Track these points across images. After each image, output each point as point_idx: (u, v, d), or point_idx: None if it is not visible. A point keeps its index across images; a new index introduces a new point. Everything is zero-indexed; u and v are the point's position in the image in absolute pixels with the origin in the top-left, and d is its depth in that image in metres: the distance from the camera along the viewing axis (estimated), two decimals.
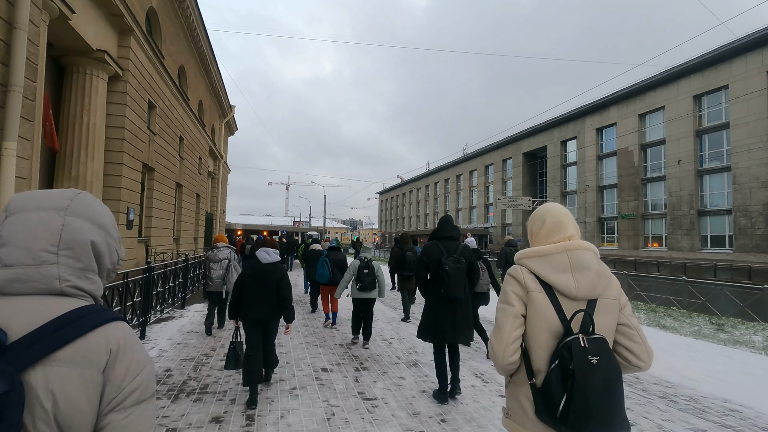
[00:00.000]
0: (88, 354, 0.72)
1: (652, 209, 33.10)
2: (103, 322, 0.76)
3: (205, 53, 19.00)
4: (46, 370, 0.68)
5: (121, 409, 0.73)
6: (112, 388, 0.73)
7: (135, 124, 10.85)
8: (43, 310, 0.72)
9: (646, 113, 33.16)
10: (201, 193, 20.97)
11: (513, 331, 1.37)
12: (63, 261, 0.77)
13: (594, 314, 1.34)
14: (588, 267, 1.39)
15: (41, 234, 0.76)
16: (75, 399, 0.69)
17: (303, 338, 5.53)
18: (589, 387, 1.21)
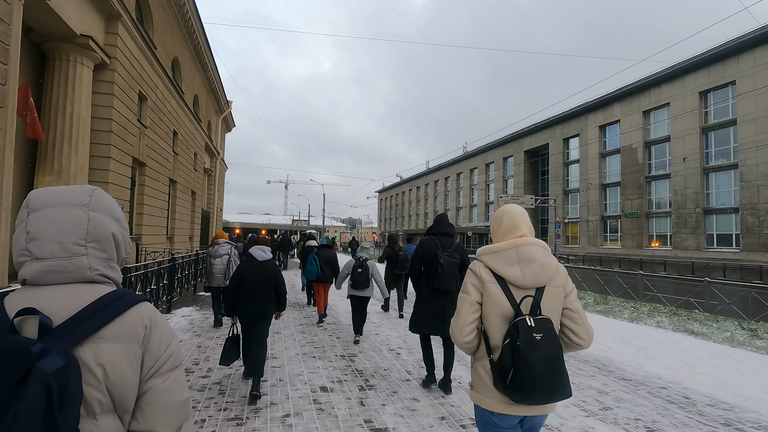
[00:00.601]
0: (127, 330, 0.83)
1: (656, 207, 32.60)
2: (134, 303, 0.87)
3: (200, 46, 18.42)
4: (93, 347, 0.79)
5: (159, 375, 0.86)
6: (150, 357, 0.85)
7: (124, 116, 10.30)
8: (79, 297, 0.83)
9: (651, 110, 32.63)
10: (197, 190, 20.41)
11: (469, 315, 1.62)
12: (91, 252, 0.87)
13: (541, 300, 1.58)
14: (534, 260, 1.62)
15: (71, 228, 0.85)
16: (121, 369, 0.81)
17: (299, 348, 4.95)
18: (533, 359, 1.43)
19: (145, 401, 0.84)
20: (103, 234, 0.88)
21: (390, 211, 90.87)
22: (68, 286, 0.84)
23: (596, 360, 4.59)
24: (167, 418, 0.85)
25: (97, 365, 0.78)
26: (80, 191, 0.90)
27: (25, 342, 0.71)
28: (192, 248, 19.65)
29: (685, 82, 29.67)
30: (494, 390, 1.57)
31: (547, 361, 1.46)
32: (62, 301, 0.81)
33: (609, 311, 8.09)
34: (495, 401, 1.58)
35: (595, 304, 8.76)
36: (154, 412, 0.84)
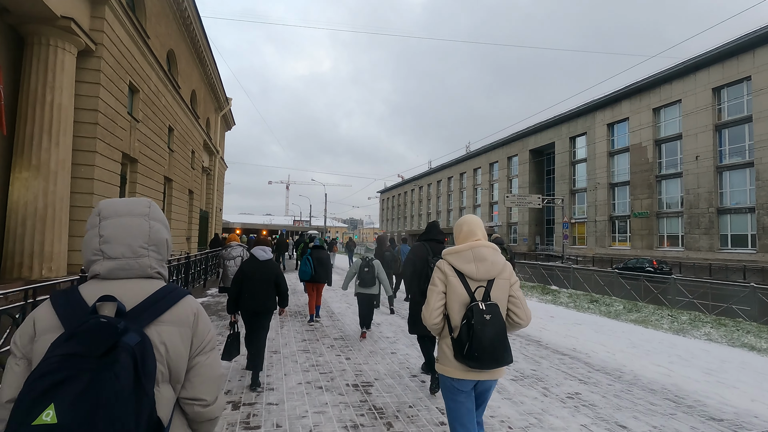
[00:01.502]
0: (181, 317, 1.05)
1: (667, 207, 31.74)
2: (184, 295, 1.10)
3: (197, 39, 17.67)
4: (157, 329, 0.99)
5: (204, 353, 1.08)
6: (197, 339, 1.07)
7: (112, 107, 9.54)
8: (143, 289, 1.05)
9: (661, 107, 31.79)
10: (194, 189, 19.64)
11: (437, 302, 2.07)
12: (152, 254, 1.10)
13: (491, 289, 2.06)
14: (486, 259, 2.10)
15: (138, 234, 1.08)
16: (177, 347, 1.02)
17: (302, 374, 4.05)
18: (483, 334, 1.91)
19: (193, 374, 1.06)
20: (160, 239, 1.12)
21: (392, 211, 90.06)
22: (133, 280, 1.06)
23: (664, 389, 3.79)
24: (210, 387, 1.08)
25: (161, 343, 0.99)
26: (141, 203, 1.14)
27: (112, 320, 0.90)
28: (190, 249, 18.90)
29: (698, 78, 28.84)
30: (454, 361, 1.97)
31: (494, 336, 1.91)
32: (130, 292, 1.03)
33: (645, 320, 7.30)
34: (455, 370, 1.99)
35: (628, 312, 7.97)
36: (200, 382, 1.06)
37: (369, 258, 6.02)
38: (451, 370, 2.01)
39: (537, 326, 6.49)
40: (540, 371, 4.28)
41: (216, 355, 1.11)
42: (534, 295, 10.62)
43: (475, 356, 1.88)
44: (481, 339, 1.87)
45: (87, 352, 0.83)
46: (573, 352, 5.03)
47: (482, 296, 1.99)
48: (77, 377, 0.80)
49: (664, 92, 31.29)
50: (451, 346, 2.00)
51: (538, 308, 8.44)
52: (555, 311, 8.23)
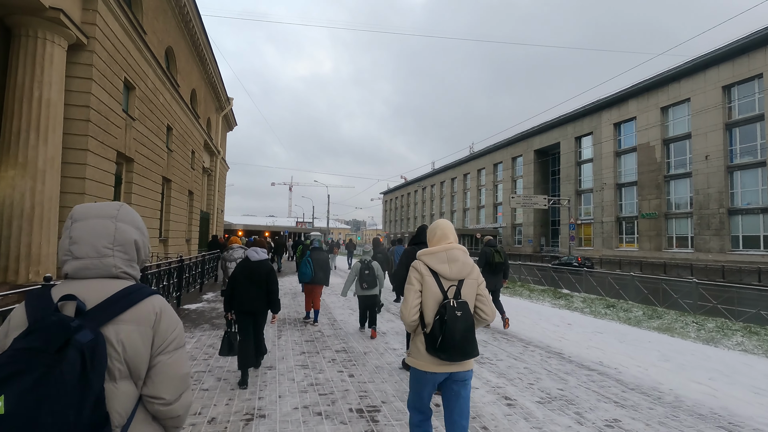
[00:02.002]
0: (142, 316, 1.07)
1: (676, 208, 31.13)
2: (148, 294, 1.12)
3: (197, 37, 17.32)
4: (115, 327, 1.03)
5: (166, 353, 1.10)
6: (159, 338, 1.09)
7: (105, 104, 9.16)
8: (106, 288, 1.08)
9: (669, 106, 31.21)
10: (195, 190, 19.26)
11: (414, 300, 2.20)
12: (117, 254, 1.13)
13: (462, 288, 2.21)
14: (457, 260, 2.26)
15: (102, 235, 1.11)
16: (136, 346, 1.04)
17: (299, 396, 3.54)
18: (455, 329, 2.06)
19: (154, 372, 1.08)
20: (126, 240, 1.15)
21: (395, 212, 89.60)
22: (98, 280, 1.10)
23: (714, 414, 3.28)
24: (170, 386, 1.09)
25: (118, 342, 1.02)
26: (111, 206, 1.18)
27: (66, 319, 0.96)
28: (189, 251, 18.52)
29: (707, 76, 28.26)
30: (426, 355, 2.16)
31: (464, 331, 2.10)
32: (93, 291, 1.06)
33: (669, 328, 6.82)
34: (427, 363, 2.17)
35: (648, 319, 7.48)
36: (160, 381, 1.08)
37: (368, 260, 6.10)
38: (423, 363, 2.17)
39: (555, 335, 6.03)
40: (568, 391, 3.80)
41: (180, 356, 1.14)
42: (546, 300, 10.14)
43: (447, 349, 2.06)
44: (453, 333, 2.04)
45: (42, 347, 0.89)
46: (600, 367, 4.57)
47: (454, 294, 2.17)
48: (29, 371, 0.86)
49: (672, 91, 30.72)
50: (424, 341, 2.15)
51: (553, 315, 7.98)
52: (571, 317, 7.76)
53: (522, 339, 5.79)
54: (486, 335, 5.93)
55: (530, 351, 5.12)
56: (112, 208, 1.16)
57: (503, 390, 3.79)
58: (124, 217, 1.16)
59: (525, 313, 7.97)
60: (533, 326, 6.68)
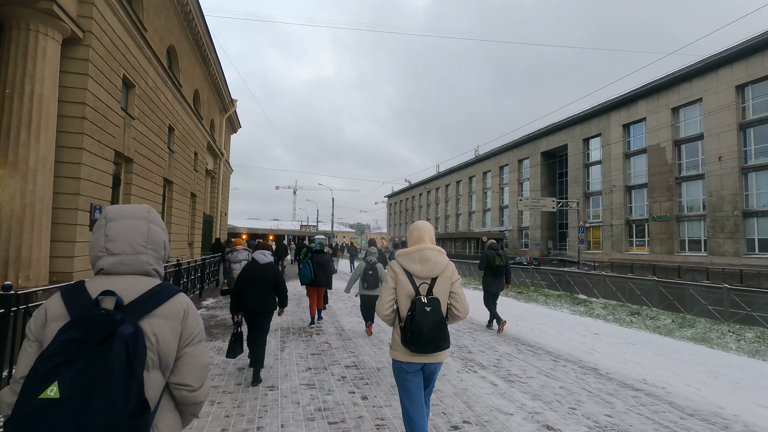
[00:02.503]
0: (172, 312, 1.18)
1: (688, 210, 30.43)
2: (176, 292, 1.23)
3: (200, 36, 17.00)
4: (150, 321, 1.13)
5: (192, 345, 1.21)
6: (186, 332, 1.20)
7: (102, 101, 8.77)
8: (140, 284, 1.18)
9: (681, 106, 30.60)
10: (197, 192, 18.89)
11: (388, 296, 2.39)
12: (150, 252, 1.24)
13: (434, 286, 2.37)
14: (429, 260, 2.41)
15: (138, 234, 1.22)
16: (167, 338, 1.14)
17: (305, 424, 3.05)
18: (423, 323, 2.23)
19: (182, 362, 1.18)
20: (157, 240, 1.27)
21: (399, 216, 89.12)
22: (131, 276, 1.19)
23: None
24: (196, 374, 1.20)
25: (152, 334, 1.12)
26: (142, 208, 1.30)
27: (111, 313, 1.04)
28: (192, 255, 18.14)
29: (720, 75, 27.65)
30: (402, 346, 2.33)
31: (433, 325, 2.26)
32: (128, 287, 1.15)
33: (705, 338, 6.28)
34: (402, 354, 2.35)
35: (679, 328, 6.94)
36: (187, 370, 1.19)
37: (373, 261, 6.21)
38: (399, 354, 2.35)
39: (585, 347, 5.52)
40: (618, 417, 3.27)
41: (203, 347, 1.25)
42: (564, 306, 9.60)
43: (416, 341, 2.22)
44: (422, 327, 2.20)
45: (87, 338, 0.98)
46: (645, 386, 4.06)
47: (425, 291, 2.33)
48: (77, 360, 0.95)
49: (683, 91, 30.12)
50: (400, 334, 2.33)
51: (575, 323, 7.45)
52: (595, 326, 7.23)
53: (549, 351, 5.28)
54: (509, 347, 5.44)
55: (562, 366, 4.62)
56: (144, 210, 1.29)
57: (542, 416, 3.31)
58: (154, 219, 1.28)
59: (546, 321, 7.45)
60: (558, 336, 6.17)
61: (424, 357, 2.30)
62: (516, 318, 7.77)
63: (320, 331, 6.21)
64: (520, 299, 10.75)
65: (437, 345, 2.26)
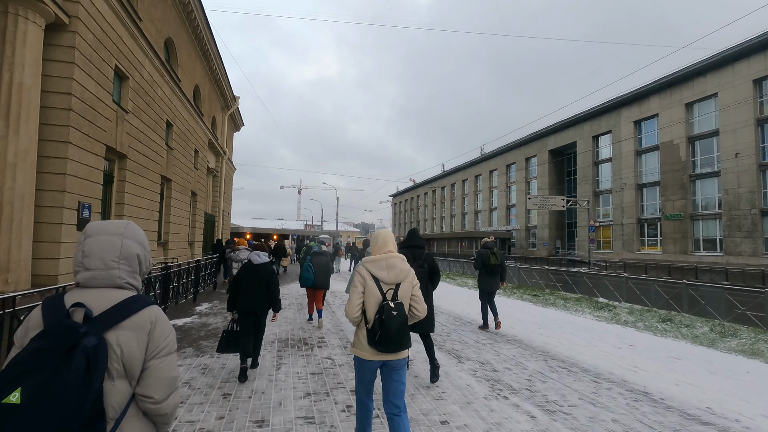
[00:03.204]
0: (140, 324, 1.21)
1: (703, 209, 29.53)
2: (146, 305, 1.26)
3: (200, 30, 16.45)
4: (116, 333, 1.17)
5: (158, 357, 1.22)
6: (153, 344, 1.22)
7: (92, 92, 8.22)
8: (110, 297, 1.23)
9: (695, 102, 29.69)
10: (198, 191, 18.36)
11: (357, 300, 2.56)
12: (122, 267, 1.28)
13: (398, 291, 2.59)
14: (395, 267, 2.63)
15: (109, 249, 1.27)
16: (132, 350, 1.18)
17: None
18: (391, 325, 2.43)
19: (147, 374, 1.20)
20: (130, 254, 1.30)
21: (404, 215, 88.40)
22: (103, 289, 1.24)
23: None
24: (160, 387, 1.21)
25: (117, 345, 1.16)
26: (119, 224, 1.34)
27: (76, 325, 1.10)
28: (192, 255, 17.60)
29: (736, 69, 26.74)
30: (367, 346, 2.52)
31: (399, 327, 2.47)
32: (99, 299, 1.21)
33: (755, 351, 5.60)
34: (368, 353, 2.53)
35: (721, 338, 6.25)
36: (151, 382, 1.20)
37: None
38: (364, 353, 2.54)
39: (624, 363, 4.85)
40: None
41: (171, 361, 1.26)
42: (585, 311, 8.93)
43: (384, 342, 2.44)
44: (389, 329, 2.43)
45: (54, 347, 1.03)
46: (714, 417, 3.37)
47: (392, 296, 2.55)
48: (41, 369, 1.00)
49: (697, 86, 29.22)
50: (366, 335, 2.53)
51: (606, 332, 6.76)
52: (627, 335, 6.56)
53: (585, 369, 4.62)
54: (539, 363, 4.78)
55: (606, 389, 3.94)
56: (121, 225, 1.34)
57: None
58: (129, 234, 1.33)
59: (571, 330, 6.79)
60: (590, 348, 5.51)
61: (389, 355, 2.52)
62: (538, 326, 7.11)
63: (322, 343, 5.56)
64: (536, 303, 10.07)
65: (402, 344, 2.50)
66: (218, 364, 4.48)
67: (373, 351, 2.48)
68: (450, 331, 6.61)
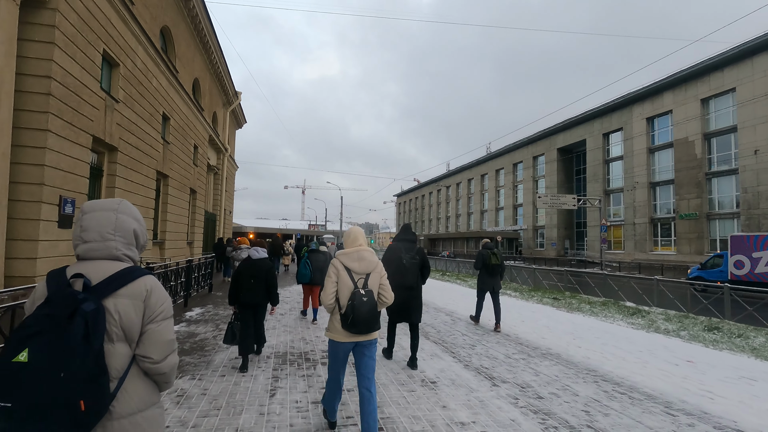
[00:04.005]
0: (135, 292, 1.33)
1: (719, 208, 28.53)
2: (142, 274, 1.38)
3: (199, 21, 15.75)
4: (114, 300, 1.29)
5: (154, 322, 1.35)
6: (149, 310, 1.35)
7: (75, 77, 7.52)
8: (108, 268, 1.35)
9: (711, 97, 28.70)
10: (198, 188, 17.67)
11: (331, 288, 2.84)
12: (118, 239, 1.40)
13: (368, 280, 2.90)
14: (365, 258, 2.94)
15: (105, 224, 1.39)
16: (130, 315, 1.30)
17: None
18: (362, 311, 2.73)
19: (145, 337, 1.33)
20: (126, 228, 1.42)
21: (409, 215, 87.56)
22: (101, 261, 1.36)
23: None
24: (158, 348, 1.34)
25: (115, 311, 1.28)
26: (113, 201, 1.46)
27: (75, 292, 1.24)
28: (192, 254, 16.90)
29: (755, 63, 25.75)
30: (340, 329, 2.81)
31: (368, 311, 2.76)
32: (97, 270, 1.33)
33: None
34: (342, 336, 2.82)
35: None
36: (150, 344, 1.33)
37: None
38: (339, 336, 2.82)
39: (693, 386, 4.01)
40: None
41: (167, 325, 1.38)
42: (616, 318, 8.11)
43: (355, 325, 2.73)
44: (360, 313, 2.72)
45: (56, 313, 1.17)
46: None
47: (362, 285, 2.86)
48: (46, 332, 1.14)
49: (714, 81, 28.22)
50: (339, 320, 2.81)
51: (653, 343, 5.91)
52: (677, 348, 5.74)
53: (650, 395, 3.75)
54: (590, 386, 3.86)
55: (688, 426, 3.04)
56: (115, 202, 1.45)
57: None
58: (124, 209, 1.44)
59: (611, 341, 5.97)
60: (643, 366, 4.68)
61: (361, 337, 2.81)
62: (571, 335, 6.31)
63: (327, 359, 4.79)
64: (560, 308, 9.26)
65: (371, 326, 2.79)
66: (198, 390, 3.67)
67: (346, 333, 2.78)
68: (473, 342, 5.82)
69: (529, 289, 12.77)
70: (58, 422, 1.09)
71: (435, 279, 16.56)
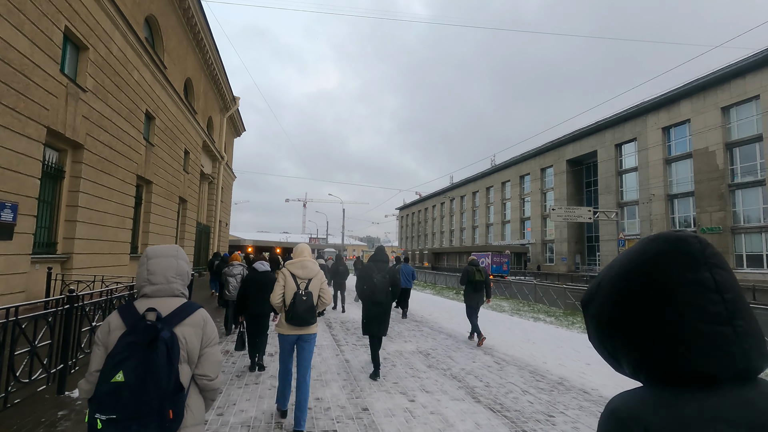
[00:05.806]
0: (196, 321, 1.66)
1: (745, 221, 26.96)
2: (198, 308, 1.71)
3: (192, 15, 14.53)
4: (181, 329, 1.60)
5: (210, 346, 1.68)
6: (206, 336, 1.67)
7: (27, 57, 6.17)
8: (171, 304, 1.65)
9: (732, 105, 27.41)
10: (189, 197, 16.19)
11: (279, 291, 3.58)
12: (178, 281, 1.72)
13: (309, 284, 3.63)
14: (306, 267, 3.69)
15: (169, 269, 1.70)
16: (193, 341, 1.62)
17: None
18: (300, 308, 3.51)
19: (203, 359, 1.65)
20: (183, 272, 1.75)
21: (411, 229, 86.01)
22: (166, 298, 1.67)
23: None
24: (212, 368, 1.67)
25: (183, 338, 1.58)
26: (172, 248, 1.77)
27: (154, 323, 1.51)
28: None
29: None
30: (286, 324, 3.55)
31: (306, 308, 3.51)
32: (165, 305, 1.63)
33: None
34: (286, 329, 3.57)
35: None
36: (207, 364, 1.66)
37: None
38: (284, 329, 3.56)
39: None
40: None
41: (217, 348, 1.72)
42: None
43: (294, 320, 3.48)
44: (299, 309, 3.47)
45: (140, 341, 1.46)
46: None
47: (303, 288, 3.57)
48: (134, 356, 1.43)
49: (735, 88, 26.97)
50: (284, 316, 3.52)
51: None
52: None
53: None
54: None
55: None
56: (174, 249, 1.76)
57: None
58: (181, 256, 1.76)
59: None
60: None
61: (300, 330, 3.57)
62: None
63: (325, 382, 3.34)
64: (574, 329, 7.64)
65: (308, 321, 3.53)
66: None
67: (289, 327, 3.55)
68: (506, 385, 4.26)
69: (563, 313, 11.17)
70: (151, 428, 1.40)
71: (445, 298, 14.90)
